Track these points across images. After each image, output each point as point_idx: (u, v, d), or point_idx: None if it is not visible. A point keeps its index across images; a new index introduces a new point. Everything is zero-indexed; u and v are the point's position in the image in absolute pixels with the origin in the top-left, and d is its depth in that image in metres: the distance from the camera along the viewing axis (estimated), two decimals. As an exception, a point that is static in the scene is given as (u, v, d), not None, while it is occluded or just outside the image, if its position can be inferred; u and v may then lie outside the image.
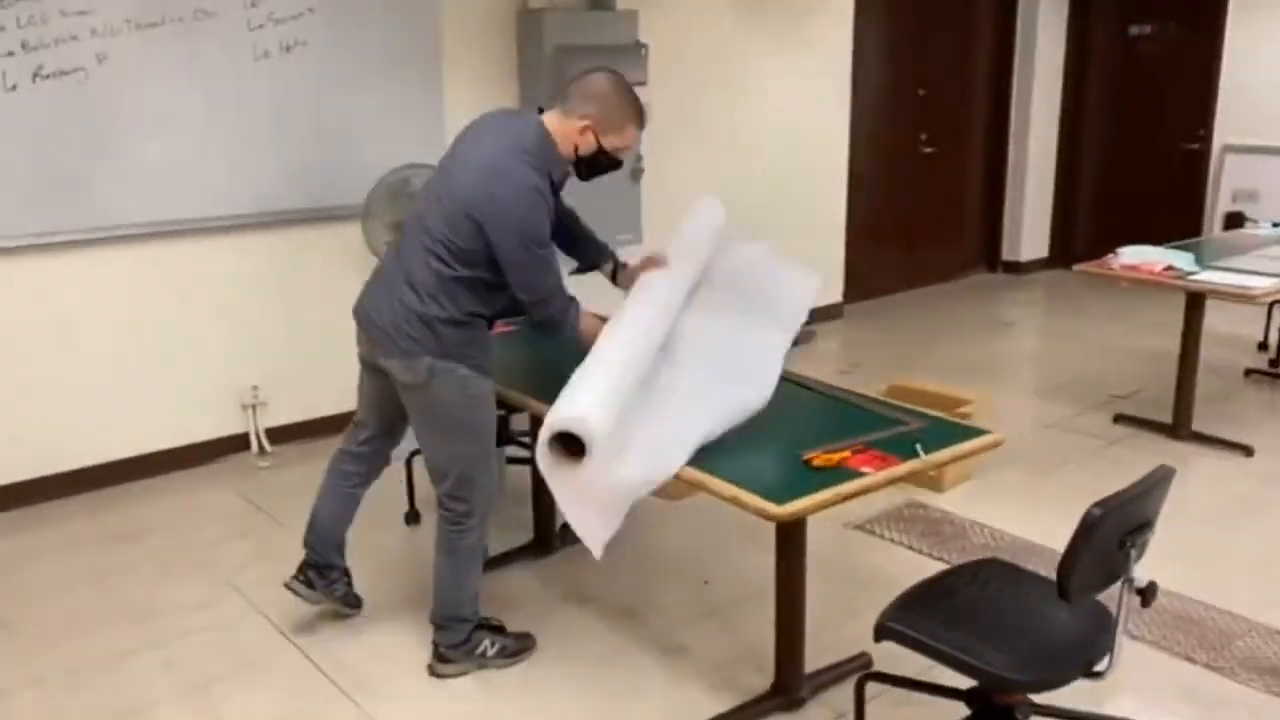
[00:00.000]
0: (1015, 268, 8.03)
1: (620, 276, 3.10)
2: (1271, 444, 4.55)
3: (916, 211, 7.56)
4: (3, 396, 4.03)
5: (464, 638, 2.92)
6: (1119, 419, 4.86)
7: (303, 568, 3.15)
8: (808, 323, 6.51)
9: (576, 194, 4.05)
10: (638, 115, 2.73)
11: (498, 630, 3.02)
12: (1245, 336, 6.15)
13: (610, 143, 2.70)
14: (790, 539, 2.68)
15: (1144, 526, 1.98)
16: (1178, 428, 4.61)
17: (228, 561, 3.67)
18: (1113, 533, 1.93)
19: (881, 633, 2.20)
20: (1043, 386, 5.47)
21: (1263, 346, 5.93)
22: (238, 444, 4.61)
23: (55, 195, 3.99)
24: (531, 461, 3.42)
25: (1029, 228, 8.00)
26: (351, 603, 3.24)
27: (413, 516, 3.94)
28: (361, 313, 2.82)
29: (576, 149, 2.69)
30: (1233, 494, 4.10)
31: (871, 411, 2.82)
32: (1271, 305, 5.76)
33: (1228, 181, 7.14)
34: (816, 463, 2.41)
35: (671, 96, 5.60)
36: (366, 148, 4.57)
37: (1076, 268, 4.65)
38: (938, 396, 4.26)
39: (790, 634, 2.75)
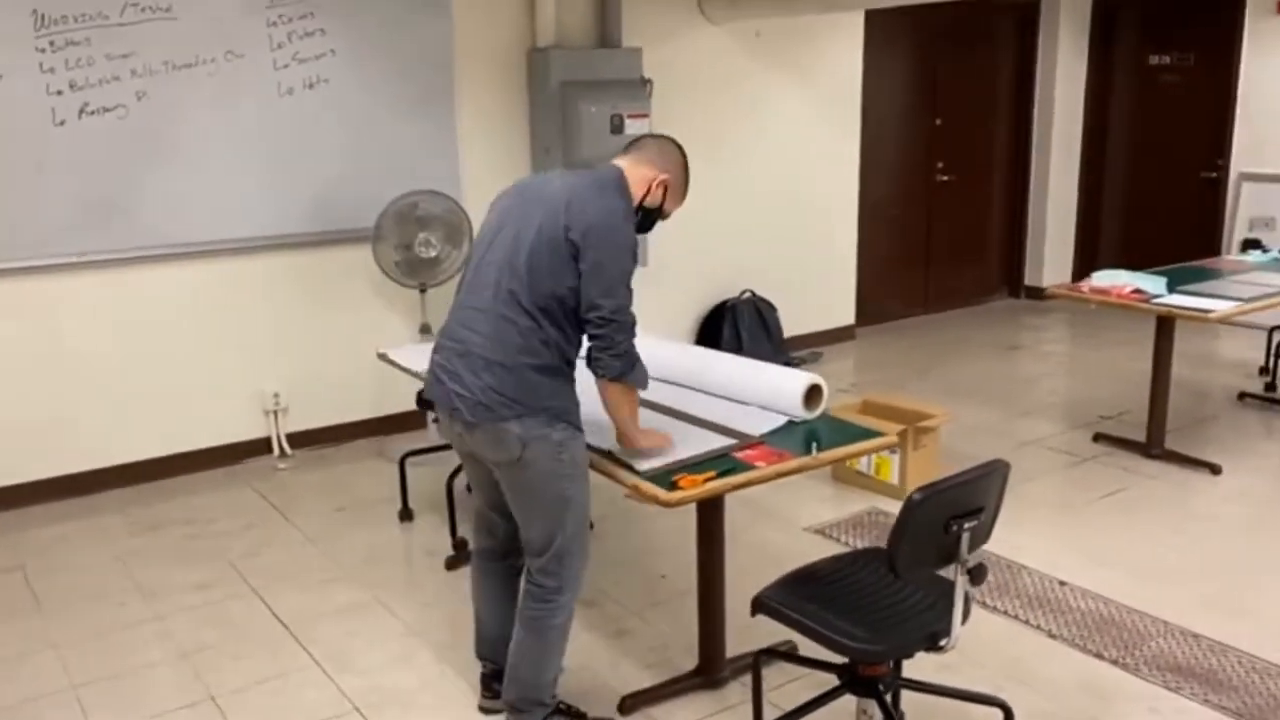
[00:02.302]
0: (1038, 293, 8.14)
1: None
2: (1243, 465, 4.66)
3: (935, 238, 7.76)
4: (50, 400, 4.49)
5: None
6: (1098, 438, 5.01)
7: (486, 682, 2.93)
8: (814, 346, 6.82)
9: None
10: (687, 189, 2.75)
11: (577, 716, 2.80)
12: (1251, 362, 6.24)
13: (668, 206, 2.68)
14: (707, 529, 2.95)
15: (973, 513, 2.20)
16: (1150, 446, 4.74)
17: (234, 549, 4.05)
18: (937, 516, 2.16)
19: (757, 606, 2.45)
20: (1033, 407, 5.62)
21: (1264, 371, 5.99)
22: (261, 447, 5.01)
23: (97, 219, 4.44)
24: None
25: (1051, 254, 8.12)
26: None
27: (405, 514, 4.28)
28: (439, 393, 2.59)
29: (644, 197, 2.62)
30: (1186, 509, 4.23)
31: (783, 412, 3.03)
32: (1272, 330, 5.85)
33: (1244, 209, 7.20)
34: (682, 484, 2.52)
35: (675, 129, 5.88)
36: (382, 177, 4.96)
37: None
38: (905, 411, 4.48)
39: (711, 618, 3.01)
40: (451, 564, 3.85)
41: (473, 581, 2.93)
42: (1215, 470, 4.54)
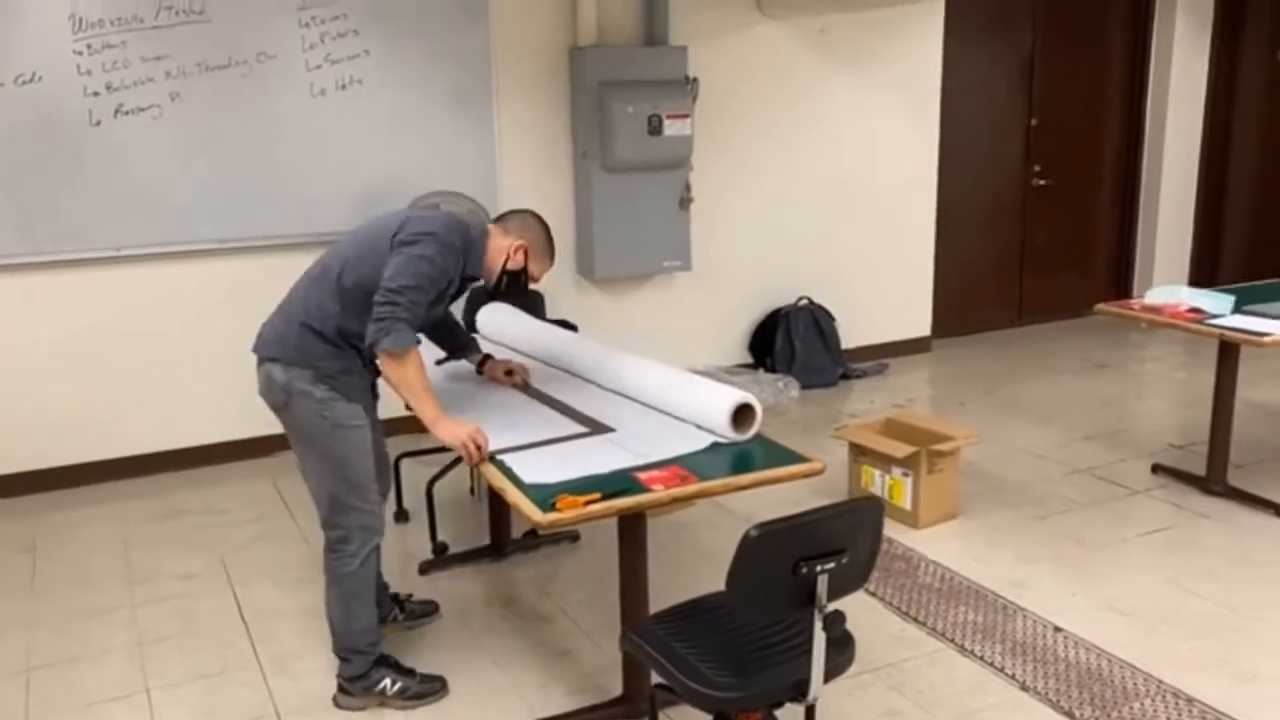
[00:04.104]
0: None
1: (488, 367, 3.35)
2: (1316, 506, 4.17)
3: (1030, 246, 7.29)
4: (95, 389, 4.70)
5: (362, 672, 2.93)
6: (1156, 469, 4.58)
7: None
8: (884, 358, 6.49)
9: (627, 219, 5.19)
10: (553, 255, 3.08)
11: (405, 672, 3.00)
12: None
13: (532, 267, 2.99)
14: (628, 549, 2.80)
15: (829, 555, 1.99)
16: (1210, 481, 4.29)
17: (231, 541, 4.13)
18: (783, 556, 1.96)
19: (623, 641, 2.30)
20: (1099, 430, 5.18)
21: (1381, 401, 5.37)
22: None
23: (133, 215, 4.61)
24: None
25: (1163, 264, 7.49)
26: (421, 614, 3.43)
27: (401, 515, 4.28)
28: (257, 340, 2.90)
29: (506, 262, 2.93)
30: (1231, 554, 3.79)
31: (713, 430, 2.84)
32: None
33: (1381, 219, 6.48)
34: (560, 505, 2.35)
35: (724, 130, 5.74)
36: (419, 178, 4.97)
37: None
38: (927, 432, 4.19)
39: (633, 645, 2.86)
40: (424, 568, 3.81)
41: None
42: (1279, 512, 4.07)
